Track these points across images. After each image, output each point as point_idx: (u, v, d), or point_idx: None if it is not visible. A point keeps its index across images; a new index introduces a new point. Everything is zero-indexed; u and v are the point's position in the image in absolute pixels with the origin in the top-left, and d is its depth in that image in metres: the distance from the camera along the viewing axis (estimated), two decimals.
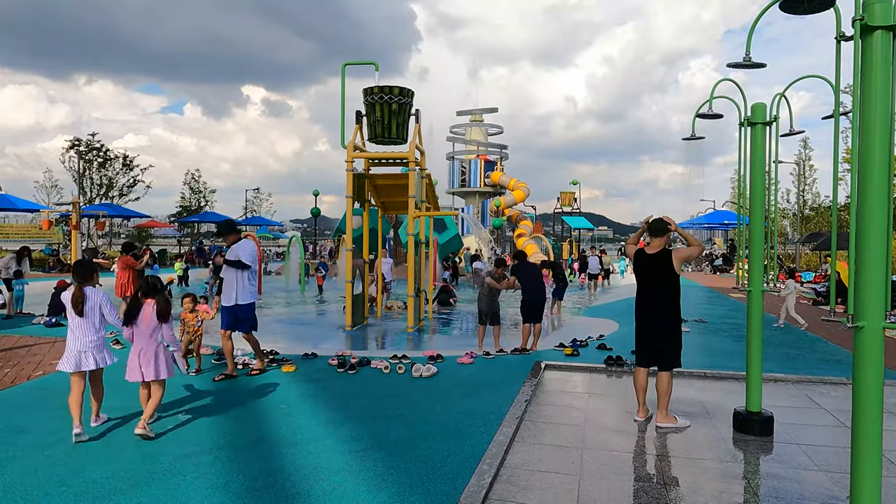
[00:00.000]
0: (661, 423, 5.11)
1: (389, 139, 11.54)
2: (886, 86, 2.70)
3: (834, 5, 2.98)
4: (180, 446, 4.50)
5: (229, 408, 5.55)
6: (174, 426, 4.98)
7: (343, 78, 11.61)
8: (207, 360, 7.41)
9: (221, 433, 4.81)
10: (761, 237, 4.94)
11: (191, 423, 5.09)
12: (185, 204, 43.57)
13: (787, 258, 28.59)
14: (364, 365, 7.15)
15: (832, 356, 8.42)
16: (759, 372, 4.99)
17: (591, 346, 8.66)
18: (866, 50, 2.73)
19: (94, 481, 3.85)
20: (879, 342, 2.76)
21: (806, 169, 35.50)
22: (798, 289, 15.03)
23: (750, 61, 3.88)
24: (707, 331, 10.62)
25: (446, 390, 6.19)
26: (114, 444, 4.58)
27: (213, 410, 5.47)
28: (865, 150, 2.74)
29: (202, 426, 5.00)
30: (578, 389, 6.45)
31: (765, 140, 4.91)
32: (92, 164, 36.85)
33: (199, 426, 5.00)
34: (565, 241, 36.98)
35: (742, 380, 5.24)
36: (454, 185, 38.07)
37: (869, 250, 2.73)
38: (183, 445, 4.52)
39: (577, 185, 42.31)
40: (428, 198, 12.94)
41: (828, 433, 5.05)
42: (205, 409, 5.53)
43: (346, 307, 11.20)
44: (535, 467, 4.18)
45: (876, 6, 2.68)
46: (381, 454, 4.35)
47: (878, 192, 2.71)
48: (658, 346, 5.21)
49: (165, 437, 4.70)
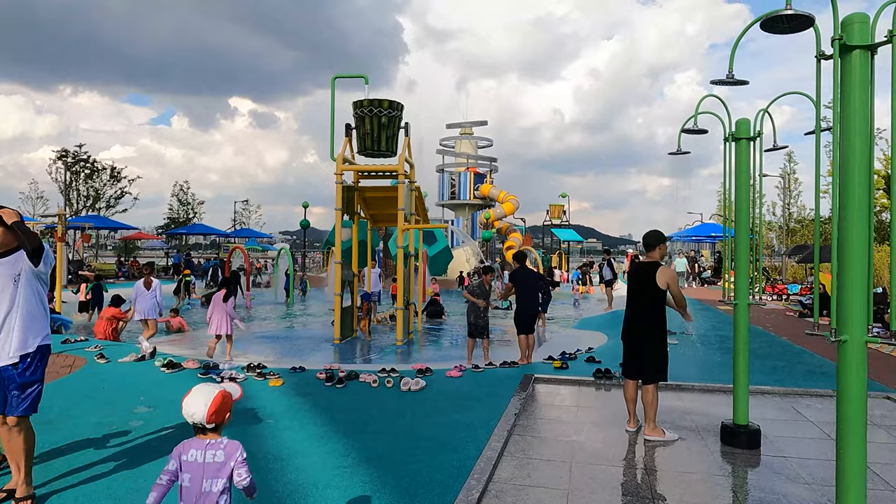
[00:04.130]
0: (649, 436, 5.13)
1: (379, 152, 11.57)
2: (865, 103, 2.76)
3: (813, 25, 3.04)
4: (166, 463, 4.43)
5: None
6: (159, 442, 4.91)
7: (333, 91, 11.66)
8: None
9: None
10: (747, 251, 4.99)
11: (178, 438, 5.01)
12: (172, 216, 43.31)
13: (773, 270, 28.87)
14: (352, 379, 7.10)
15: (818, 368, 8.49)
16: (746, 385, 5.02)
17: (579, 359, 8.67)
18: (845, 68, 2.79)
19: (75, 499, 3.78)
20: (862, 356, 2.79)
21: (791, 182, 36.00)
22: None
23: (733, 78, 3.94)
24: (695, 343, 10.67)
25: (435, 404, 6.16)
26: (95, 459, 4.50)
27: None
28: (846, 165, 2.79)
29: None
30: (567, 402, 6.44)
31: (749, 155, 4.98)
32: (79, 175, 36.58)
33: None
34: (554, 254, 37.13)
35: (729, 392, 5.27)
36: (444, 198, 38.18)
37: (850, 265, 2.77)
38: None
39: (566, 197, 42.59)
40: (417, 210, 12.96)
41: (814, 445, 5.08)
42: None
43: (335, 320, 11.15)
44: (523, 482, 4.17)
45: (854, 26, 2.74)
46: (368, 469, 4.32)
47: (859, 207, 2.76)
48: (640, 357, 5.24)
49: (149, 453, 4.63)
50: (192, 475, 2.52)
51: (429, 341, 12.61)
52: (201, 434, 2.60)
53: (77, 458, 4.48)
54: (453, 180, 37.70)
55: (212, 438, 2.59)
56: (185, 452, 2.56)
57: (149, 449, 4.74)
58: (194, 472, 2.52)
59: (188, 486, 2.51)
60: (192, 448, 2.57)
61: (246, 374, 7.26)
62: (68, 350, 8.60)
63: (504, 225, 34.36)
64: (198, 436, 2.60)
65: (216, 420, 2.58)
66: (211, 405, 2.54)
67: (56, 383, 6.87)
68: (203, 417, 2.54)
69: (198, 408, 2.53)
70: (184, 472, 2.54)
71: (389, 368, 7.52)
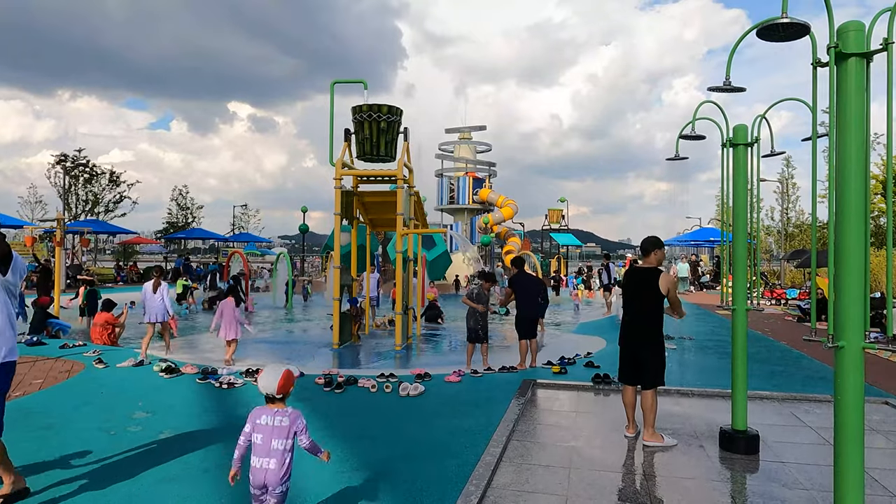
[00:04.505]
0: (647, 442, 5.13)
1: (378, 157, 11.59)
2: (861, 110, 2.78)
3: (809, 33, 3.06)
4: (165, 468, 4.43)
5: (215, 428, 5.48)
6: (159, 447, 4.91)
7: (332, 96, 11.68)
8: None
9: (207, 453, 4.75)
10: (744, 257, 5.00)
11: (176, 444, 5.02)
12: (171, 220, 43.28)
13: (771, 275, 28.89)
14: (351, 384, 7.09)
15: (816, 373, 8.50)
16: (745, 391, 5.03)
17: (578, 364, 8.67)
18: (841, 76, 2.81)
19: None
20: (859, 361, 2.80)
21: (789, 187, 36.06)
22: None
23: (730, 85, 3.96)
24: (693, 348, 10.68)
25: (433, 409, 6.16)
26: (94, 465, 4.49)
27: (198, 431, 5.40)
28: (842, 171, 2.80)
29: (187, 447, 4.92)
30: (566, 408, 6.44)
31: (747, 160, 5.00)
32: (78, 179, 36.57)
33: (184, 447, 4.92)
34: (553, 258, 37.14)
35: (728, 397, 5.27)
36: (443, 203, 38.18)
37: (847, 270, 2.78)
38: (168, 468, 4.44)
39: (565, 202, 42.65)
40: (416, 215, 12.98)
41: (812, 451, 5.08)
42: (190, 429, 5.45)
43: (334, 325, 11.14)
44: (522, 488, 4.16)
45: (850, 34, 2.76)
46: (366, 474, 4.31)
47: (856, 213, 2.77)
48: (638, 362, 5.25)
49: (148, 459, 4.63)
50: (263, 435, 3.15)
51: (428, 346, 12.60)
52: (270, 403, 3.24)
53: (76, 464, 4.47)
54: (452, 185, 37.71)
55: (278, 407, 3.23)
56: (258, 417, 3.21)
57: (147, 454, 4.73)
58: (265, 433, 3.15)
59: (259, 444, 3.14)
60: (263, 414, 3.21)
61: (244, 380, 7.25)
62: (66, 355, 8.59)
63: (503, 229, 34.38)
64: (268, 404, 3.24)
65: (283, 392, 3.22)
66: (279, 380, 3.19)
67: (54, 388, 6.86)
68: (273, 389, 3.19)
69: (269, 382, 3.17)
70: (256, 432, 3.17)
71: (388, 373, 7.51)
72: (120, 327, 10.68)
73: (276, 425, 3.15)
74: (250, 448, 3.19)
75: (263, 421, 3.18)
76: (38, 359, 8.44)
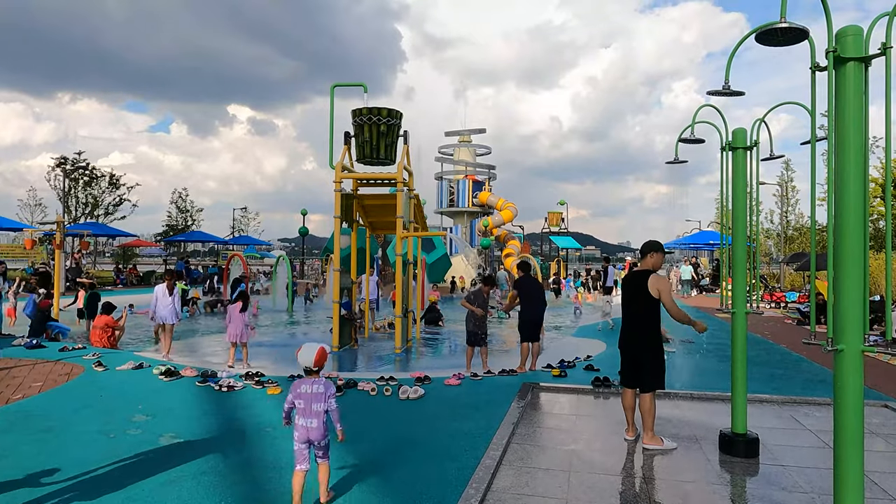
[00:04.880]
0: (647, 445, 5.13)
1: (378, 160, 11.60)
2: (859, 114, 2.79)
3: (808, 38, 3.07)
4: (165, 471, 4.42)
5: (214, 431, 5.47)
6: (159, 450, 4.90)
7: (332, 99, 11.70)
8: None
9: (206, 457, 4.74)
10: (744, 260, 5.00)
11: (175, 447, 5.02)
12: (171, 223, 43.27)
13: (771, 278, 28.89)
14: (351, 387, 7.09)
15: (816, 376, 8.50)
16: (744, 394, 5.03)
17: (578, 367, 8.66)
18: (840, 80, 2.82)
19: None
20: (859, 365, 2.81)
21: (788, 190, 36.09)
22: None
23: (729, 89, 3.97)
24: (693, 351, 10.67)
25: (433, 412, 6.16)
26: (94, 468, 4.49)
27: (198, 434, 5.39)
28: (841, 174, 2.81)
29: (186, 450, 4.92)
30: (566, 411, 6.44)
31: (746, 164, 5.01)
32: (78, 182, 36.56)
33: (183, 450, 4.92)
34: (553, 261, 37.14)
35: (728, 400, 5.27)
36: (442, 205, 38.19)
37: (847, 274, 2.79)
38: (168, 471, 4.44)
39: (565, 205, 42.65)
40: (416, 218, 12.98)
41: (812, 454, 5.08)
42: (190, 432, 5.44)
43: (334, 328, 11.13)
44: (522, 491, 4.16)
45: (848, 39, 2.78)
46: (366, 477, 4.31)
47: (855, 216, 2.78)
48: (638, 365, 5.25)
49: (149, 461, 4.62)
50: (304, 401, 3.86)
51: (427, 349, 12.59)
52: (309, 375, 3.94)
53: (76, 467, 4.46)
54: (452, 188, 37.72)
55: (315, 378, 3.93)
56: (299, 387, 3.90)
57: (147, 457, 4.73)
58: (305, 398, 3.87)
59: (302, 407, 3.86)
60: (303, 384, 3.91)
61: (244, 383, 7.25)
62: (66, 358, 8.58)
63: (503, 232, 34.38)
64: (308, 376, 3.94)
65: (318, 364, 3.93)
66: (316, 355, 3.89)
67: (54, 391, 6.86)
68: (311, 363, 3.89)
69: (308, 357, 3.88)
70: (298, 399, 3.87)
71: (388, 377, 7.51)
72: (119, 330, 10.69)
73: (314, 392, 3.84)
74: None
75: (304, 389, 3.86)
76: (38, 362, 8.44)
